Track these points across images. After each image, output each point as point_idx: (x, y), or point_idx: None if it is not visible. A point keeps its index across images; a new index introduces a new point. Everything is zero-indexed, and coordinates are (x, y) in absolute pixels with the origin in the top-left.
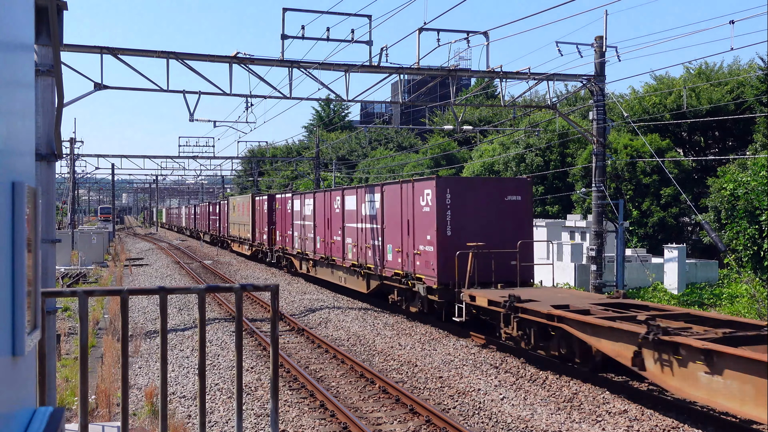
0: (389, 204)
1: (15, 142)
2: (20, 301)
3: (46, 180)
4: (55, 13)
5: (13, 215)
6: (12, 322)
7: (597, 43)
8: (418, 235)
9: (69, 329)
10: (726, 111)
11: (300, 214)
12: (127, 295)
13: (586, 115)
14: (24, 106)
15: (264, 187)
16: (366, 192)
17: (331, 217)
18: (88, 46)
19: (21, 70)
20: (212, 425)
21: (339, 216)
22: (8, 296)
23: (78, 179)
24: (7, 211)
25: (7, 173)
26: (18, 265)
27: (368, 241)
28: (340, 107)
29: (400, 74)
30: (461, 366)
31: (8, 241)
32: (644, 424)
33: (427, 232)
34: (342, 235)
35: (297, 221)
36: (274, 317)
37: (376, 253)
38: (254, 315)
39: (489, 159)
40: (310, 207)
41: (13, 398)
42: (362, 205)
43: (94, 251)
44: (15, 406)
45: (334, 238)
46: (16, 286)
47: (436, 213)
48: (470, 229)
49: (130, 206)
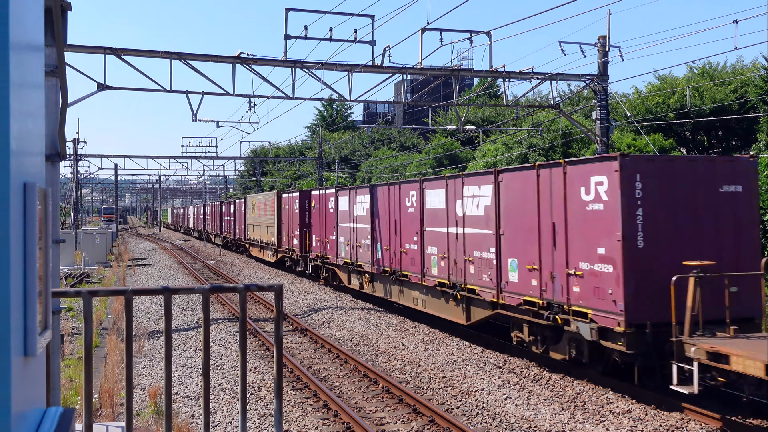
0: (512, 198)
1: (26, 143)
2: (32, 301)
3: (50, 180)
4: (59, 13)
5: (24, 216)
6: (24, 322)
7: (600, 43)
8: (579, 247)
9: (72, 329)
10: (729, 110)
11: (349, 214)
12: (131, 295)
13: (590, 114)
14: (34, 107)
15: (267, 187)
16: (465, 184)
17: (400, 218)
18: (92, 46)
19: (32, 71)
20: (216, 425)
21: (415, 217)
22: (20, 297)
23: (81, 179)
24: (19, 211)
25: (20, 174)
26: (30, 266)
27: (469, 253)
28: (343, 107)
29: (403, 74)
30: (465, 366)
31: (20, 242)
32: (648, 424)
33: (599, 241)
34: (420, 243)
35: (344, 223)
36: (278, 317)
37: (484, 270)
38: (258, 315)
39: (492, 159)
40: (365, 205)
41: (26, 398)
42: (456, 202)
43: (97, 251)
44: (27, 406)
45: (405, 246)
46: (27, 287)
47: (621, 212)
48: (675, 238)
49: (133, 206)
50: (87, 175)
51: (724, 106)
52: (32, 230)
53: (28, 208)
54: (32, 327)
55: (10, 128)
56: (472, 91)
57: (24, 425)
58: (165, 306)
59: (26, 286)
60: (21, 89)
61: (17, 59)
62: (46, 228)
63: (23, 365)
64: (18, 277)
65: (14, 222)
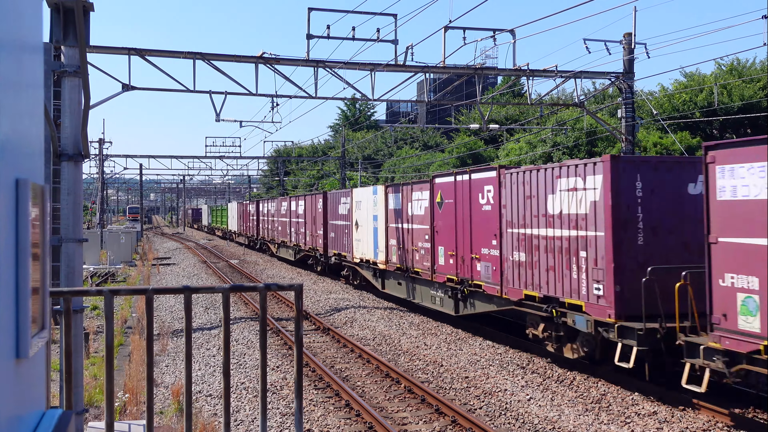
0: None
1: (19, 140)
2: (24, 302)
3: (73, 180)
4: (81, 14)
5: (17, 213)
6: (16, 324)
7: (626, 40)
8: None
9: (97, 327)
10: (759, 108)
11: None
12: (152, 294)
13: (615, 112)
14: (31, 106)
15: (290, 187)
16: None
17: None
18: (116, 47)
19: (27, 71)
20: (238, 424)
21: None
22: (11, 297)
23: (107, 179)
24: (10, 208)
25: (11, 170)
26: (22, 264)
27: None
28: (366, 106)
29: (425, 73)
30: (488, 366)
31: (12, 240)
32: (674, 426)
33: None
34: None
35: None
36: (298, 317)
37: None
38: (280, 314)
39: (516, 158)
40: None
41: (19, 400)
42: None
43: (122, 250)
44: (21, 408)
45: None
46: (20, 287)
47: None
48: None
49: (158, 206)
50: (112, 175)
51: (753, 104)
52: (25, 227)
53: (21, 204)
54: (24, 329)
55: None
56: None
57: (18, 428)
58: (186, 305)
59: (18, 286)
60: (16, 88)
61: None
62: (43, 226)
63: (14, 367)
64: (9, 276)
65: (4, 218)
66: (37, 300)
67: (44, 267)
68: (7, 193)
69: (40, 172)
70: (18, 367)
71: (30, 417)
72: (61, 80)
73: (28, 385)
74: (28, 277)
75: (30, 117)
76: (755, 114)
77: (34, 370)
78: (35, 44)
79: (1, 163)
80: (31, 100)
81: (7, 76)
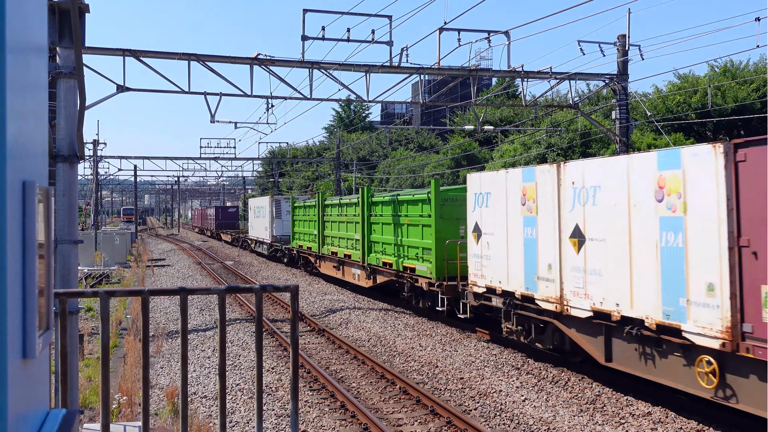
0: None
1: (27, 142)
2: (31, 302)
3: (68, 181)
4: (77, 15)
5: (23, 214)
6: (23, 324)
7: (620, 42)
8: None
9: (92, 329)
10: (752, 109)
11: None
12: (148, 295)
13: (609, 114)
14: (36, 108)
15: (285, 188)
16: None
17: None
18: (111, 48)
19: (34, 72)
20: (233, 425)
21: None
22: (19, 298)
23: (101, 181)
24: (18, 210)
25: (18, 172)
26: (29, 266)
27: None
28: (361, 108)
29: (420, 74)
30: (482, 367)
31: (19, 241)
32: (668, 427)
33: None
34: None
35: None
36: (294, 318)
37: None
38: (275, 316)
39: (510, 159)
40: None
41: (26, 400)
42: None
43: (117, 252)
44: (27, 408)
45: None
46: (26, 288)
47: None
48: None
49: (152, 207)
50: (107, 177)
51: (747, 105)
52: (31, 229)
53: (27, 206)
54: (31, 329)
55: (7, 127)
56: (491, 91)
57: (24, 427)
58: (181, 307)
59: (25, 287)
60: (22, 89)
61: (17, 59)
62: (48, 227)
63: (22, 367)
64: (16, 278)
65: (12, 220)
66: (42, 300)
67: (49, 268)
68: (15, 196)
69: (45, 174)
70: (25, 367)
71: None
72: (57, 81)
73: (33, 385)
74: (34, 278)
75: (35, 119)
76: (749, 115)
77: (39, 370)
78: (40, 45)
79: (10, 166)
80: (36, 101)
81: (15, 78)
